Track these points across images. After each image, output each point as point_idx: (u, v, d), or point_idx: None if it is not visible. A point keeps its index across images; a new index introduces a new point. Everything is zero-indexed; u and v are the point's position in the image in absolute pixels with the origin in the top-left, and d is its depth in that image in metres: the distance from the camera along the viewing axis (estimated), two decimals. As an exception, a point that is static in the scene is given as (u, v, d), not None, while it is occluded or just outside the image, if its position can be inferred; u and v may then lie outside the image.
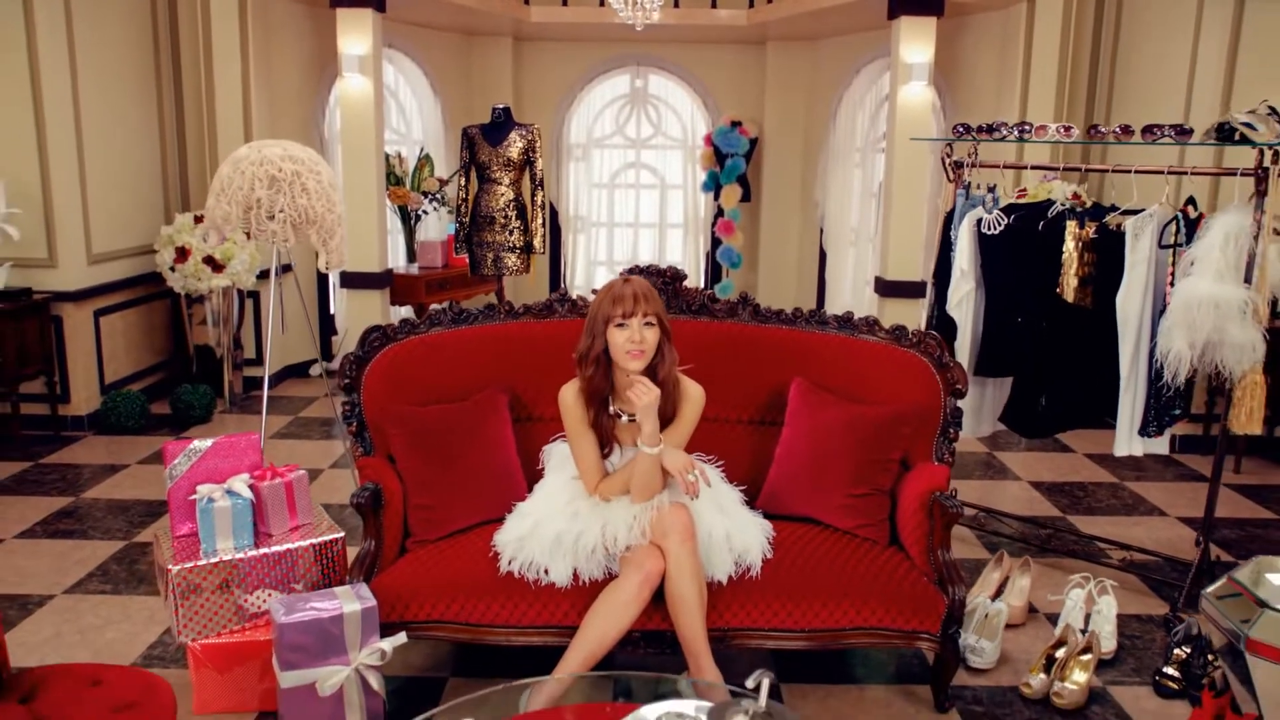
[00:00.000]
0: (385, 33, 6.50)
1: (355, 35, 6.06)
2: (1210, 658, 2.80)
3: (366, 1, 6.04)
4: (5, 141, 5.01)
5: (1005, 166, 3.79)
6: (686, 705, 1.90)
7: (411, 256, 7.15)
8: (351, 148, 6.27)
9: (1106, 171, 3.56)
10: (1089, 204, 3.67)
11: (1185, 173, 3.30)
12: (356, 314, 6.47)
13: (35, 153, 5.07)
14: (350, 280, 6.39)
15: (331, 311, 7.19)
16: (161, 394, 5.99)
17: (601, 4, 7.09)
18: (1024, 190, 5.01)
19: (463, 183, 6.04)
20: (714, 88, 8.11)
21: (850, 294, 7.60)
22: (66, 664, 2.11)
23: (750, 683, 1.78)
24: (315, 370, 6.81)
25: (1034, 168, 3.78)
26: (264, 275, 6.06)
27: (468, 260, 6.14)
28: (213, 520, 2.74)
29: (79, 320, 5.37)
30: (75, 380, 5.40)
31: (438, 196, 7.12)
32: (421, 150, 7.32)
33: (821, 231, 7.90)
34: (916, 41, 5.95)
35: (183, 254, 5.64)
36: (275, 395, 6.26)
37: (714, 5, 7.43)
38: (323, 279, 6.97)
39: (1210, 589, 2.27)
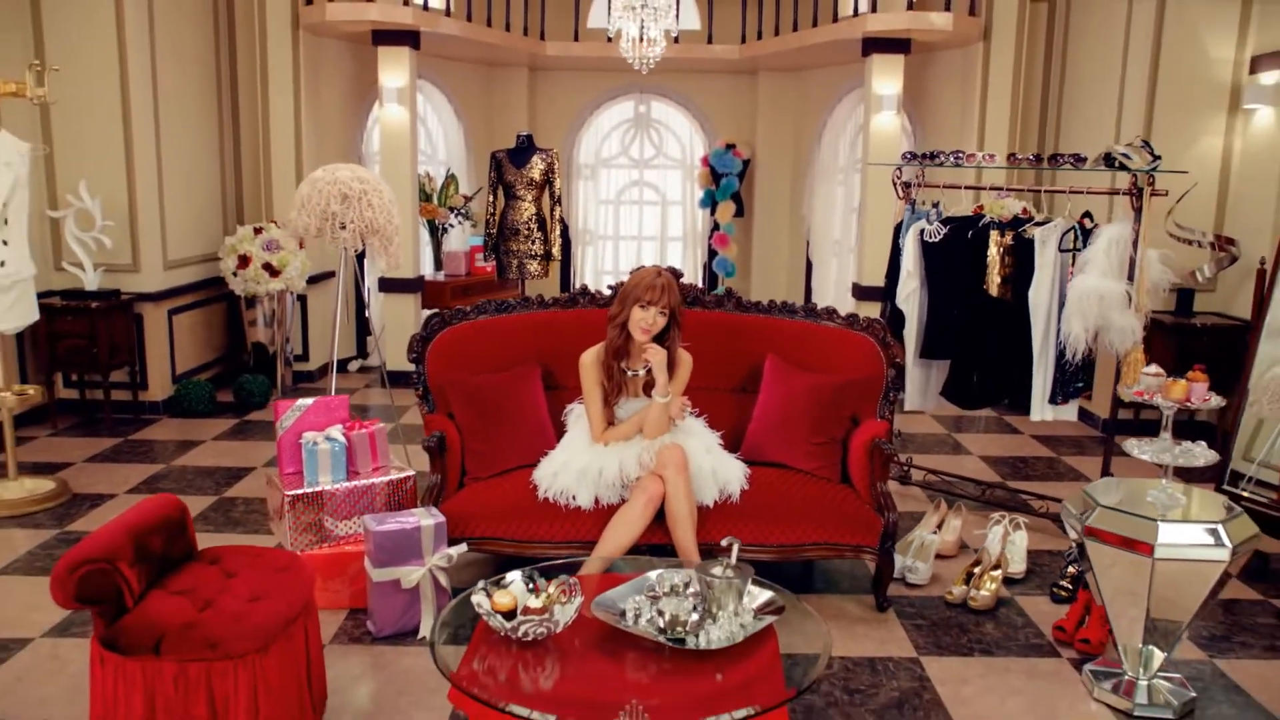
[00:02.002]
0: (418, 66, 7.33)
1: (394, 70, 6.89)
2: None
3: (404, 40, 6.87)
4: (101, 165, 5.84)
5: (945, 186, 4.60)
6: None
7: (438, 265, 7.96)
8: (389, 168, 7.09)
9: (1022, 190, 4.37)
10: (1041, 218, 4.47)
11: (1082, 192, 4.11)
12: (392, 315, 7.27)
13: (124, 174, 5.90)
14: (387, 285, 7.21)
15: (366, 315, 7.99)
16: (218, 384, 6.77)
17: (609, 40, 7.91)
18: (981, 206, 5.84)
19: (491, 199, 6.87)
20: (710, 113, 8.94)
21: (834, 299, 8.40)
22: (232, 545, 2.90)
23: (724, 542, 2.57)
24: (354, 366, 7.62)
25: (967, 188, 4.57)
26: (312, 281, 6.89)
27: (495, 266, 6.96)
28: (316, 459, 3.54)
29: (156, 318, 6.19)
30: (152, 370, 6.21)
31: (462, 212, 7.94)
32: (447, 170, 8.14)
33: (808, 243, 8.71)
34: (886, 76, 6.77)
35: (244, 261, 6.45)
36: (320, 388, 7.05)
37: (710, 40, 8.26)
38: (357, 286, 7.76)
39: (1067, 500, 3.07)
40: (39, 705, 2.88)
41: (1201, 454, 2.98)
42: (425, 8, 6.92)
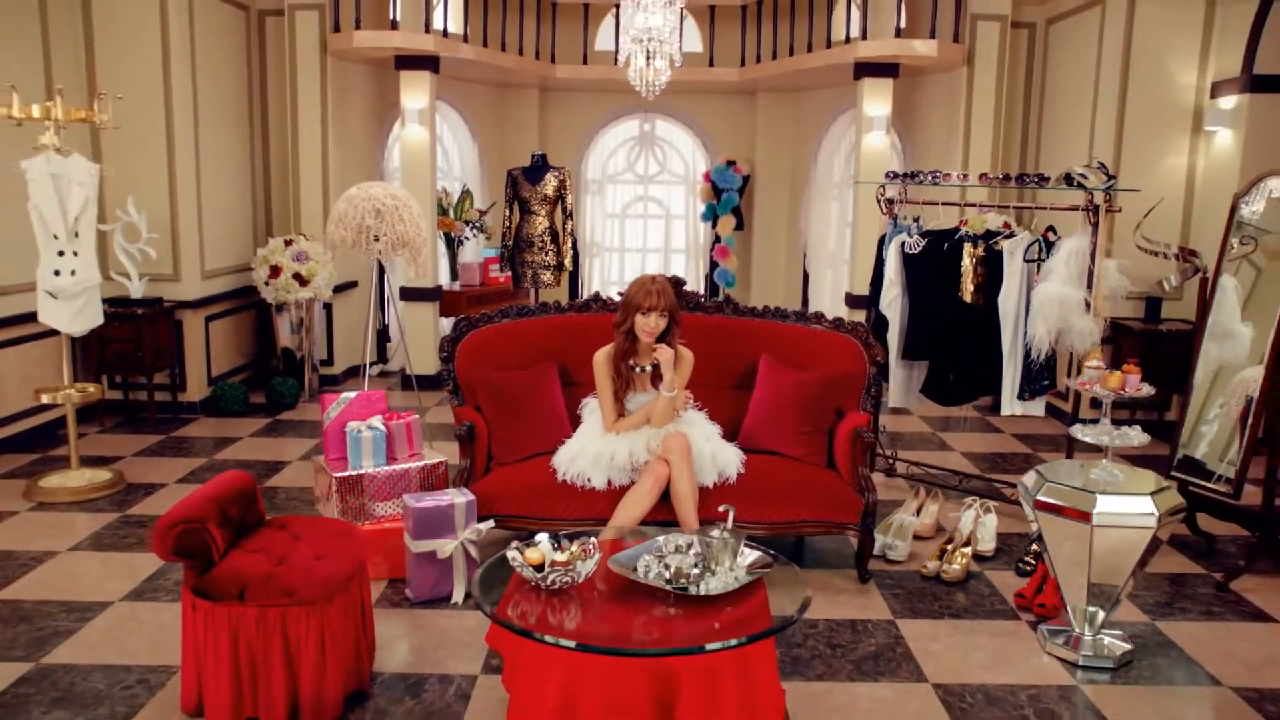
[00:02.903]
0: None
1: (415, 93, 7.36)
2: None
3: (424, 65, 7.34)
4: (147, 181, 6.31)
5: (924, 203, 5.04)
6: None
7: (454, 275, 8.42)
8: (410, 185, 7.53)
9: (993, 207, 4.82)
10: (1014, 231, 4.90)
11: (1045, 208, 4.55)
12: (412, 323, 7.71)
13: (167, 190, 6.37)
14: (408, 294, 7.66)
15: (386, 322, 8.45)
16: (249, 387, 7.20)
17: (616, 64, 8.38)
18: (965, 220, 6.29)
19: (507, 214, 7.34)
20: (712, 132, 9.41)
21: (829, 309, 8.83)
22: (295, 515, 3.33)
23: (721, 508, 3.00)
24: (374, 370, 8.07)
25: (945, 204, 5.00)
26: (336, 290, 7.35)
27: (511, 276, 7.43)
28: (360, 446, 3.98)
29: (194, 324, 6.64)
30: (190, 373, 6.66)
31: (477, 225, 8.40)
32: (463, 186, 8.61)
33: (805, 255, 9.16)
34: (877, 99, 7.23)
35: (275, 271, 6.90)
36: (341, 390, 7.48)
37: (711, 63, 8.74)
38: (379, 295, 8.22)
39: (1022, 479, 3.49)
40: (128, 655, 3.31)
41: (1135, 436, 3.41)
42: (445, 34, 7.39)
